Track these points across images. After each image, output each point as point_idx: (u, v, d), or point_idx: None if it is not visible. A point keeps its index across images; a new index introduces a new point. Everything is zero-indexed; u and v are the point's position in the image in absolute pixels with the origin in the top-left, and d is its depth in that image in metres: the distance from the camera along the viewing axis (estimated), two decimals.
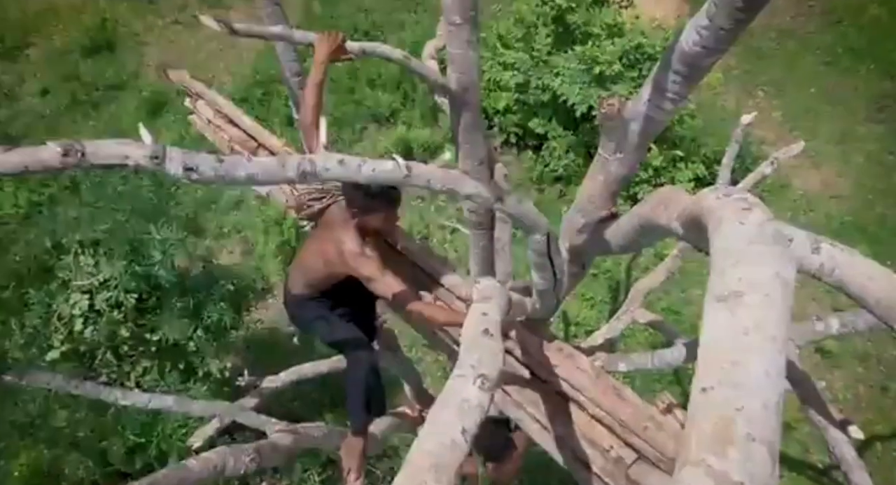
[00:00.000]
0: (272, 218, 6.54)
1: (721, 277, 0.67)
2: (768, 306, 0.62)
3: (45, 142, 1.05)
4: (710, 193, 0.90)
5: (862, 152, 7.23)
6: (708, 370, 0.59)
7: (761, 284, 0.64)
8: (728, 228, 0.74)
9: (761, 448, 0.52)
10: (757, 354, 0.58)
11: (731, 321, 0.62)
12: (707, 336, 0.63)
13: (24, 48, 7.93)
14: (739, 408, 0.54)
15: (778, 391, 0.57)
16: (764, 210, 0.77)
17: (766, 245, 0.69)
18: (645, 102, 1.62)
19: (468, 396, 0.98)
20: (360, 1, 8.32)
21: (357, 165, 1.24)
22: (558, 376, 2.29)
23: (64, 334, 3.62)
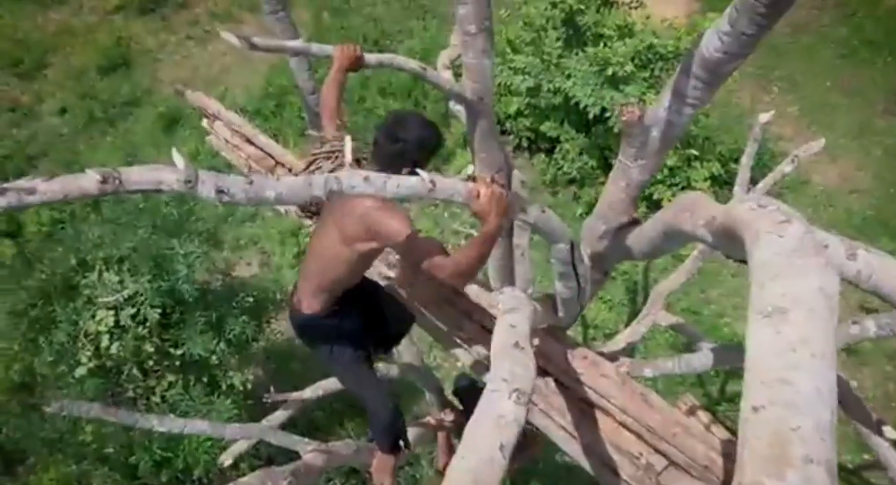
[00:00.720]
0: (288, 229, 6.59)
1: (763, 291, 0.67)
2: (814, 321, 0.62)
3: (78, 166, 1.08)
4: (743, 203, 0.90)
5: (881, 146, 7.12)
6: (757, 389, 0.58)
7: (805, 299, 0.64)
8: (767, 241, 0.74)
9: (820, 470, 0.51)
10: (806, 371, 0.58)
11: (776, 338, 0.61)
12: (753, 353, 0.62)
13: (43, 68, 8.08)
14: (794, 428, 0.53)
15: (831, 409, 0.56)
16: (802, 222, 0.77)
17: (807, 258, 0.69)
18: (665, 108, 1.62)
19: (504, 411, 0.98)
20: (369, 11, 8.38)
21: (382, 182, 1.25)
22: (583, 384, 2.28)
23: (91, 351, 3.66)
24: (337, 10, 8.38)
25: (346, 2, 8.48)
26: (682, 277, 3.31)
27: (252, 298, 4.14)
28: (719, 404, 5.99)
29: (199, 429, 2.19)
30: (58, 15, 8.55)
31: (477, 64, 2.10)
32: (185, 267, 3.50)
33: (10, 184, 1.04)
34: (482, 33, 2.04)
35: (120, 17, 8.45)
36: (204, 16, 8.45)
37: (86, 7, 8.60)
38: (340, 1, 8.47)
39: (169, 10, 8.52)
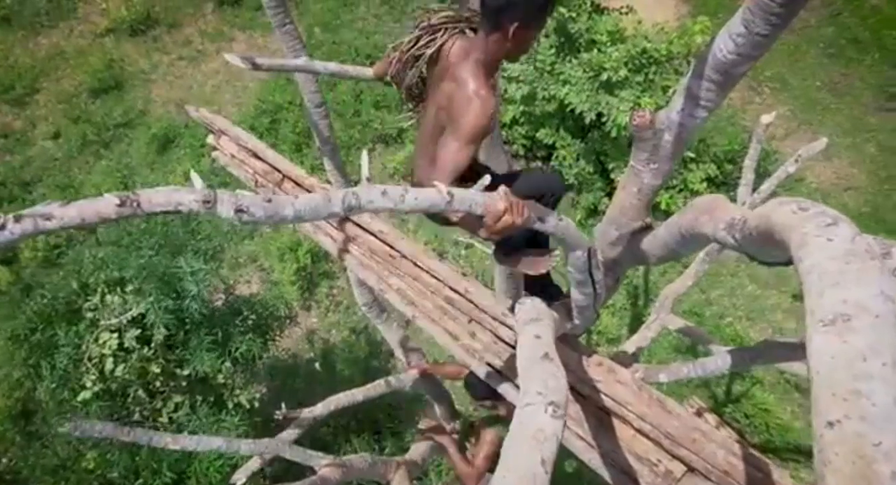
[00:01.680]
0: (286, 245, 6.57)
1: (821, 299, 0.65)
2: (881, 329, 0.60)
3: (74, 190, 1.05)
4: (780, 206, 0.88)
5: (873, 142, 7.18)
6: (830, 402, 0.56)
7: (868, 306, 0.62)
8: (817, 245, 0.72)
9: None
10: (879, 382, 0.56)
11: (844, 348, 0.59)
12: (819, 364, 0.60)
13: (34, 93, 8.06)
14: (876, 444, 0.51)
15: None
16: (850, 224, 0.75)
17: (863, 262, 0.67)
18: (678, 111, 1.60)
19: (542, 425, 0.96)
20: (361, 25, 8.41)
21: (400, 195, 1.23)
22: (600, 392, 2.25)
23: (95, 374, 3.61)
24: (328, 25, 8.41)
25: (336, 17, 8.51)
26: (689, 280, 3.29)
27: (256, 316, 4.10)
28: (725, 405, 5.97)
29: (213, 445, 2.15)
30: (48, 39, 8.54)
31: None
32: (195, 285, 3.46)
33: (28, 210, 1.02)
34: None
35: (111, 40, 8.45)
36: (195, 36, 8.46)
37: (76, 31, 8.60)
38: (331, 16, 8.50)
39: (160, 31, 8.53)
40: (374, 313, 3.56)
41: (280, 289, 6.38)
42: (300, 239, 6.50)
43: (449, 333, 2.31)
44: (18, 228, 1.01)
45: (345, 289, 6.55)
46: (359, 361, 6.14)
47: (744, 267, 6.56)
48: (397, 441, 5.55)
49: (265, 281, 6.65)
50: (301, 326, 6.31)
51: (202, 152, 7.32)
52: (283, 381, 5.80)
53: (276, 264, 6.60)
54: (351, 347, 6.29)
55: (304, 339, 6.34)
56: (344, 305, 6.53)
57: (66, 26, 8.64)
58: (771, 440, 5.58)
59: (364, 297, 3.43)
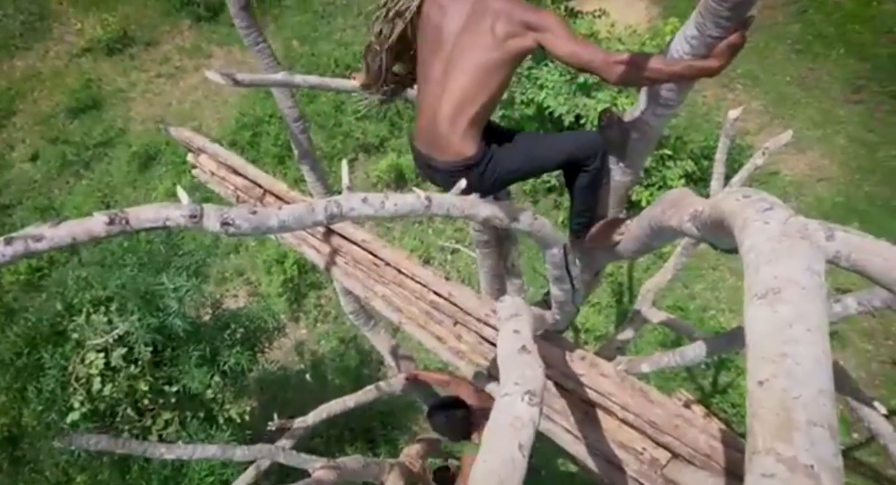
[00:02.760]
0: (273, 257, 6.59)
1: (757, 275, 0.72)
2: (806, 299, 0.67)
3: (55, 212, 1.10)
4: (729, 195, 0.95)
5: (843, 134, 7.38)
6: (760, 364, 0.63)
7: (796, 279, 0.69)
8: (755, 228, 0.79)
9: (823, 432, 0.56)
10: (804, 345, 0.63)
11: (774, 316, 0.66)
12: (753, 332, 0.67)
13: (11, 116, 8.02)
14: (797, 396, 0.58)
15: (828, 377, 0.61)
16: (784, 208, 0.83)
17: (793, 241, 0.74)
18: (642, 110, 1.69)
19: (519, 413, 1.02)
20: (338, 36, 8.48)
21: (380, 202, 1.29)
22: (584, 385, 2.32)
23: (83, 395, 3.60)
24: (306, 37, 8.47)
25: (314, 29, 8.57)
26: (668, 274, 3.38)
27: (244, 329, 4.12)
28: (712, 396, 6.08)
29: (208, 453, 2.18)
30: (23, 61, 8.50)
31: None
32: (177, 302, 3.48)
33: (18, 233, 1.06)
34: None
35: (87, 59, 8.44)
36: (173, 53, 8.47)
37: (52, 51, 8.57)
38: (309, 29, 8.56)
39: (137, 49, 8.53)
40: (361, 321, 3.61)
41: (268, 301, 6.39)
42: (286, 251, 6.53)
43: (435, 337, 2.37)
44: (10, 250, 1.06)
45: (332, 299, 6.58)
46: (349, 371, 6.16)
47: (724, 261, 6.69)
48: (391, 448, 5.58)
49: (252, 294, 6.66)
50: (290, 337, 6.32)
51: (184, 169, 7.32)
52: (274, 394, 5.81)
53: (262, 277, 6.61)
54: (340, 356, 6.31)
55: (293, 350, 6.36)
56: (332, 316, 6.56)
57: (42, 47, 8.61)
58: None
59: (350, 305, 3.48)
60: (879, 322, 6.16)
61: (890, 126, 7.39)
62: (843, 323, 6.03)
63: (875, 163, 7.14)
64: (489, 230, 2.62)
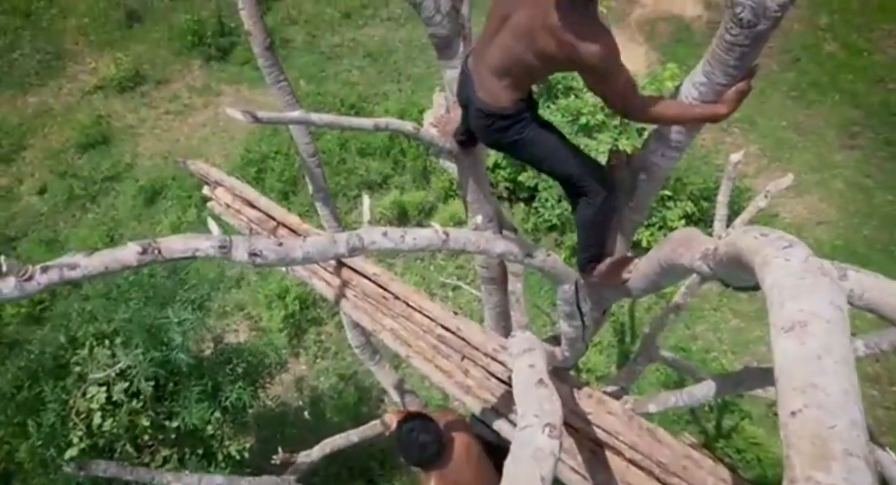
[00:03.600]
0: (274, 292, 6.58)
1: (782, 309, 0.75)
2: (832, 332, 0.69)
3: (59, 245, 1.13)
4: (746, 233, 0.99)
5: (840, 179, 7.50)
6: (791, 395, 0.65)
7: (821, 313, 0.71)
8: (777, 265, 0.82)
9: (859, 462, 0.57)
10: (832, 376, 0.65)
11: (802, 349, 0.69)
12: (782, 364, 0.69)
13: (21, 150, 8.13)
14: (832, 427, 0.60)
15: (859, 408, 0.63)
16: (803, 246, 0.86)
17: (815, 278, 0.77)
18: (651, 152, 1.74)
19: (540, 445, 1.02)
20: (345, 76, 8.70)
21: (400, 236, 1.33)
22: (591, 423, 2.31)
23: (83, 430, 3.55)
24: (313, 77, 8.68)
25: (322, 70, 8.79)
26: (671, 314, 3.39)
27: (246, 364, 4.09)
28: (717, 441, 5.98)
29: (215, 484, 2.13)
30: (36, 98, 8.68)
31: None
32: (181, 335, 3.47)
33: (53, 262, 1.09)
34: None
35: (99, 97, 8.62)
36: (183, 91, 8.67)
37: (65, 89, 8.77)
38: (316, 69, 8.79)
39: (148, 87, 8.73)
40: (366, 355, 3.59)
41: (268, 336, 6.35)
42: (288, 286, 6.53)
43: (442, 371, 2.36)
44: (45, 278, 1.09)
45: (333, 334, 6.55)
46: (348, 408, 6.08)
47: (726, 302, 6.69)
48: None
49: (253, 329, 6.63)
50: (290, 372, 6.26)
51: (189, 203, 7.39)
52: (273, 431, 5.72)
53: (263, 312, 6.59)
54: (340, 393, 6.24)
55: (292, 386, 6.29)
56: (332, 351, 6.51)
57: (55, 85, 8.80)
58: (764, 475, 5.59)
59: (357, 339, 3.47)
60: (884, 367, 6.13)
61: (886, 172, 7.52)
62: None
63: (872, 207, 7.23)
64: (496, 267, 2.64)
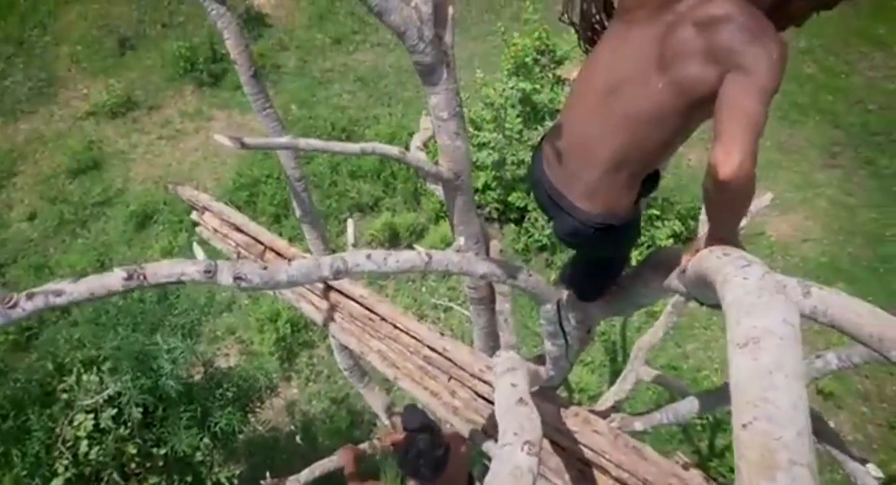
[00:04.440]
0: (266, 316, 6.57)
1: (738, 326, 0.78)
2: (784, 348, 0.73)
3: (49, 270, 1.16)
4: (710, 253, 1.03)
5: (824, 197, 7.63)
6: (743, 408, 0.69)
7: (774, 330, 0.75)
8: (735, 283, 0.86)
9: (803, 470, 0.61)
10: (782, 390, 0.68)
11: (754, 364, 0.72)
12: (736, 379, 0.73)
13: (12, 177, 8.14)
14: (778, 438, 0.63)
15: (806, 420, 0.67)
16: (761, 264, 0.90)
17: (770, 295, 0.81)
18: None
19: (518, 462, 1.05)
20: (336, 101, 8.81)
21: (383, 259, 1.36)
22: (578, 442, 2.32)
23: (69, 458, 3.51)
24: (304, 101, 8.78)
25: (313, 94, 8.90)
26: (659, 332, 3.43)
27: (237, 388, 4.08)
28: (710, 460, 5.97)
29: None
30: (28, 124, 8.72)
31: (451, 145, 2.27)
32: (170, 363, 3.46)
33: (39, 288, 1.11)
34: (453, 118, 2.22)
35: (91, 123, 8.67)
36: (175, 116, 8.74)
37: (56, 115, 8.82)
38: (307, 94, 8.90)
39: (140, 112, 8.79)
40: (355, 378, 3.59)
41: (259, 360, 6.32)
42: (279, 309, 6.52)
43: (430, 392, 2.38)
44: (30, 304, 1.11)
45: (325, 358, 6.52)
46: (340, 432, 6.03)
47: (716, 320, 6.74)
48: None
49: (244, 353, 6.60)
50: (281, 397, 6.22)
51: (180, 228, 7.40)
52: (263, 456, 5.66)
53: (255, 336, 6.57)
54: (331, 417, 6.20)
55: (284, 411, 6.24)
56: (324, 375, 6.48)
57: (47, 111, 8.85)
58: None
59: (346, 362, 3.47)
60: (874, 383, 6.16)
61: (867, 190, 7.66)
62: (838, 384, 6.04)
63: (856, 225, 7.35)
64: (484, 288, 2.67)
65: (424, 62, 1.92)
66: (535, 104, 6.47)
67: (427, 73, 2.00)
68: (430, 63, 1.93)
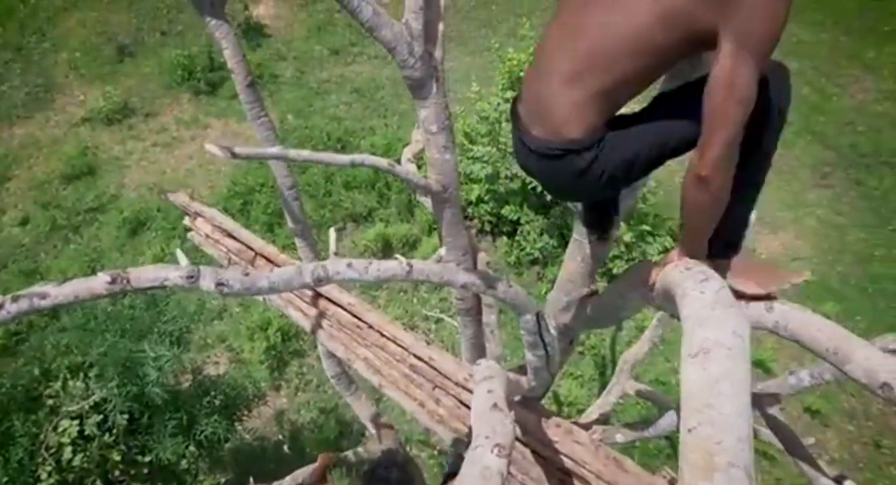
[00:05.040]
0: (257, 324, 6.57)
1: (691, 337, 0.82)
2: (731, 359, 0.77)
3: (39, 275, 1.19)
4: (674, 268, 1.07)
5: (814, 217, 7.72)
6: (690, 414, 0.72)
7: (724, 342, 0.79)
8: (692, 297, 0.90)
9: (740, 472, 0.64)
10: (727, 398, 0.72)
11: (703, 374, 0.76)
12: (686, 387, 0.77)
13: (5, 182, 8.15)
14: (719, 442, 0.67)
15: (748, 426, 0.70)
16: (718, 279, 0.94)
17: (724, 309, 0.85)
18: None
19: (488, 464, 1.07)
20: (332, 111, 8.87)
21: (364, 267, 1.39)
22: (559, 452, 2.34)
23: (52, 465, 3.49)
24: (300, 111, 8.85)
25: (309, 105, 8.97)
26: (645, 346, 3.46)
27: (224, 396, 4.08)
28: None
29: None
30: (23, 129, 8.75)
31: (440, 158, 2.31)
32: (156, 370, 3.46)
33: (24, 291, 1.14)
34: (442, 132, 2.26)
35: (86, 129, 8.70)
36: (171, 123, 8.78)
37: (52, 121, 8.85)
38: (304, 104, 8.96)
39: (136, 119, 8.84)
40: (342, 386, 3.60)
41: (249, 368, 6.32)
42: (270, 318, 6.52)
43: (415, 401, 2.40)
44: (15, 307, 1.13)
45: (315, 367, 6.52)
46: (328, 443, 6.01)
47: None
48: None
49: (234, 361, 6.59)
50: (270, 405, 6.20)
51: (173, 235, 7.42)
52: (250, 466, 5.63)
53: (245, 344, 6.56)
54: (320, 427, 6.18)
55: (272, 420, 6.22)
56: (314, 384, 6.48)
57: (42, 117, 8.88)
58: None
59: (333, 369, 3.49)
60: (860, 402, 6.20)
61: (857, 210, 7.76)
62: (825, 402, 6.07)
63: (845, 245, 7.43)
64: (471, 299, 2.70)
65: (414, 77, 1.97)
66: None
67: (417, 88, 2.05)
68: (419, 78, 1.98)
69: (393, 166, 2.23)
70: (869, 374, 0.95)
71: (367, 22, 1.71)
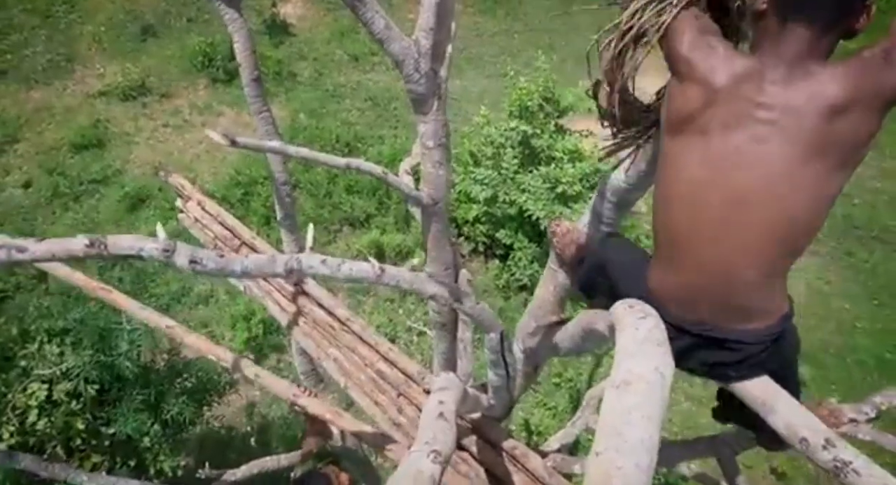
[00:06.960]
0: (240, 313, 6.60)
1: (617, 368, 0.88)
2: (647, 392, 0.82)
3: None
4: (622, 304, 1.13)
5: (803, 282, 7.78)
6: (601, 439, 0.78)
7: (644, 376, 0.85)
8: (628, 332, 0.96)
9: None
10: (635, 427, 0.77)
11: (619, 403, 0.81)
12: (603, 414, 0.82)
13: (14, 143, 8.22)
14: (620, 467, 0.72)
15: (650, 456, 0.75)
16: (655, 318, 0.99)
17: (652, 346, 0.91)
18: (586, 224, 1.90)
19: (422, 468, 1.12)
20: (344, 115, 8.98)
21: (337, 265, 1.45)
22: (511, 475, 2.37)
23: (16, 426, 3.51)
24: (314, 112, 8.95)
25: (323, 106, 9.08)
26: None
27: (196, 380, 4.10)
28: None
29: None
30: (39, 94, 8.84)
31: (433, 173, 2.37)
32: (128, 343, 3.49)
33: (3, 240, 1.19)
34: (439, 148, 2.33)
35: (101, 101, 8.80)
36: (185, 107, 8.88)
37: (69, 90, 8.95)
38: (318, 105, 9.07)
39: (151, 98, 8.94)
40: (311, 383, 3.64)
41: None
42: (255, 309, 6.55)
43: (377, 405, 2.44)
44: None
45: (292, 364, 6.52)
46: (295, 440, 6.01)
47: (679, 383, 6.81)
48: None
49: None
50: (242, 397, 6.20)
51: (171, 215, 7.45)
52: (215, 453, 5.62)
53: (227, 332, 6.58)
54: (289, 424, 6.18)
55: (242, 411, 6.22)
56: (290, 380, 6.46)
57: (60, 85, 8.99)
58: None
59: (304, 366, 3.52)
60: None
61: (843, 280, 7.84)
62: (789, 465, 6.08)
63: (829, 312, 7.49)
64: (447, 313, 2.75)
65: (417, 92, 2.03)
66: (533, 147, 6.64)
67: (419, 103, 2.12)
68: (422, 93, 2.05)
69: (386, 174, 2.29)
70: (789, 427, 1.00)
71: (378, 34, 1.78)
